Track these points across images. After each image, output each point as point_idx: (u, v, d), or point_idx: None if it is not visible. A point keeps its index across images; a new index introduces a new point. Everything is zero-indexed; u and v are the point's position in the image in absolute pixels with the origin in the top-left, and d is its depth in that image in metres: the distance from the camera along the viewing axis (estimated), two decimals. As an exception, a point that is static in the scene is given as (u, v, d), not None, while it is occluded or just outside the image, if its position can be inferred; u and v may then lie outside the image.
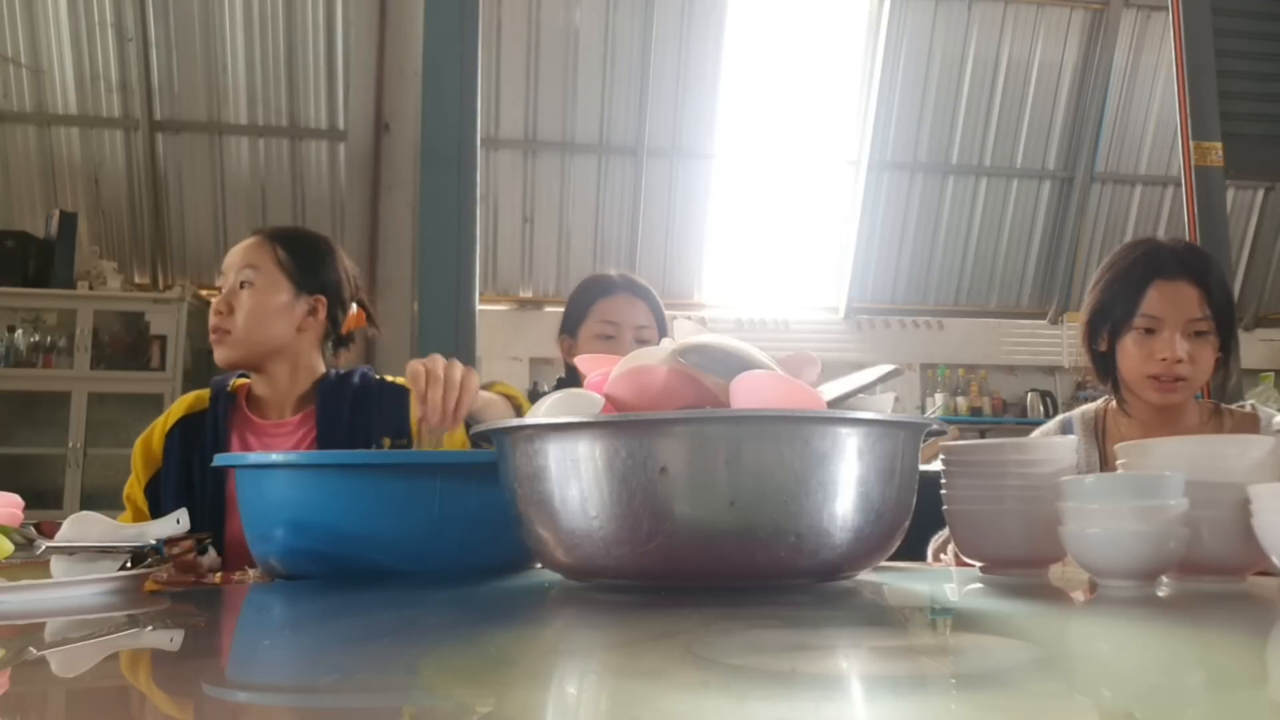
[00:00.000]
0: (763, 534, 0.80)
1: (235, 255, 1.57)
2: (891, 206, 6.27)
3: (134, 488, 1.56)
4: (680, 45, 5.80)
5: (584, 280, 1.97)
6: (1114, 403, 1.61)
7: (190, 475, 1.50)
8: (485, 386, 1.34)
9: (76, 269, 5.01)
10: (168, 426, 1.56)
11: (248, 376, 1.63)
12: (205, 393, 1.61)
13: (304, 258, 1.58)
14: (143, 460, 1.56)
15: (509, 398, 1.43)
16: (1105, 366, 1.57)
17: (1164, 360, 1.46)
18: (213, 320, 1.53)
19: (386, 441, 1.44)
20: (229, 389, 1.60)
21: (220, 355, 1.53)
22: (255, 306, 1.52)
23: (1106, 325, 1.54)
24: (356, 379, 1.60)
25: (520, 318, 6.04)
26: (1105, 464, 1.55)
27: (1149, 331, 1.48)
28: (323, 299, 1.59)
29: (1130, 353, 1.50)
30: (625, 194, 6.02)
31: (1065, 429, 1.64)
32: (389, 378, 1.63)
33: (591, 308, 1.89)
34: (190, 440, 1.53)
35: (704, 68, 5.86)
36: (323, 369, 1.61)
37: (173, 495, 1.48)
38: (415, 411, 1.38)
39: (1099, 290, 1.56)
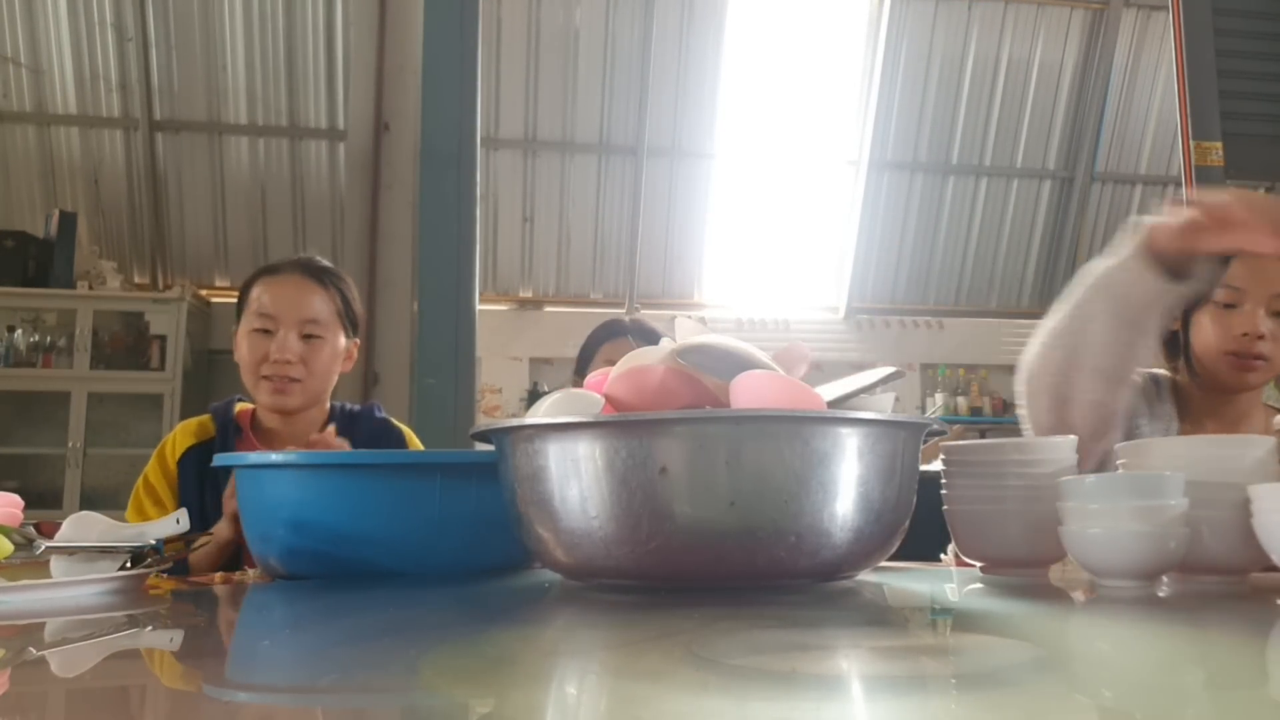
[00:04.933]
0: (763, 534, 0.80)
1: (295, 301, 1.54)
2: (891, 206, 6.27)
3: (151, 511, 1.51)
4: (680, 45, 5.80)
5: (596, 326, 2.06)
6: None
7: (205, 509, 1.46)
8: None
9: (76, 269, 5.01)
10: (177, 455, 1.54)
11: (244, 401, 1.62)
12: (207, 419, 1.59)
13: (348, 303, 1.61)
14: (166, 488, 1.52)
15: None
16: (1175, 344, 1.47)
17: (1244, 336, 1.35)
18: (277, 369, 1.51)
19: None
20: (234, 417, 1.58)
21: (284, 403, 1.53)
22: (328, 359, 1.55)
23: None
24: (367, 420, 1.63)
25: (520, 318, 6.04)
26: (1185, 424, 1.45)
27: (1229, 306, 1.38)
28: (358, 341, 1.63)
29: (1205, 328, 1.40)
30: (625, 194, 6.02)
31: (1156, 380, 1.52)
32: (393, 420, 1.66)
33: (599, 350, 1.99)
34: (201, 474, 1.50)
35: (704, 68, 5.86)
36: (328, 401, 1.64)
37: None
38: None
39: None
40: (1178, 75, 3.39)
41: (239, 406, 1.61)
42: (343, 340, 1.59)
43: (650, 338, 1.97)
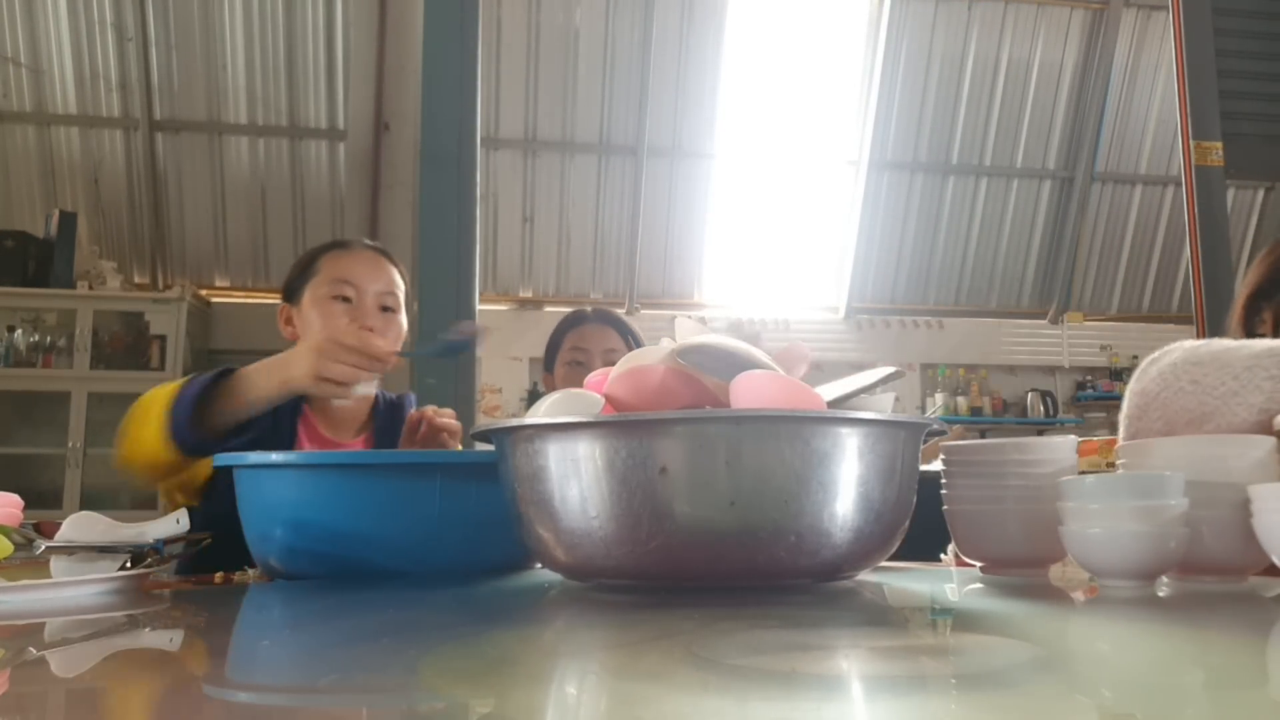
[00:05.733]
0: (763, 534, 0.80)
1: (374, 272, 1.53)
2: (891, 206, 6.27)
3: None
4: (680, 45, 5.80)
5: (560, 319, 2.06)
6: None
7: None
8: None
9: (76, 269, 5.02)
10: None
11: None
12: None
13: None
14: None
15: None
16: None
17: None
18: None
19: None
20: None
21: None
22: (397, 334, 1.55)
23: (1270, 303, 1.39)
24: (408, 409, 1.62)
25: (520, 317, 6.04)
26: None
27: None
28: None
29: None
30: (625, 194, 6.02)
31: None
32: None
33: (564, 340, 1.98)
34: (250, 443, 1.42)
35: (704, 68, 5.87)
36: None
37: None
38: None
39: (1266, 265, 1.42)
40: (1178, 75, 3.40)
41: None
42: (405, 320, 1.58)
43: (613, 321, 1.99)
